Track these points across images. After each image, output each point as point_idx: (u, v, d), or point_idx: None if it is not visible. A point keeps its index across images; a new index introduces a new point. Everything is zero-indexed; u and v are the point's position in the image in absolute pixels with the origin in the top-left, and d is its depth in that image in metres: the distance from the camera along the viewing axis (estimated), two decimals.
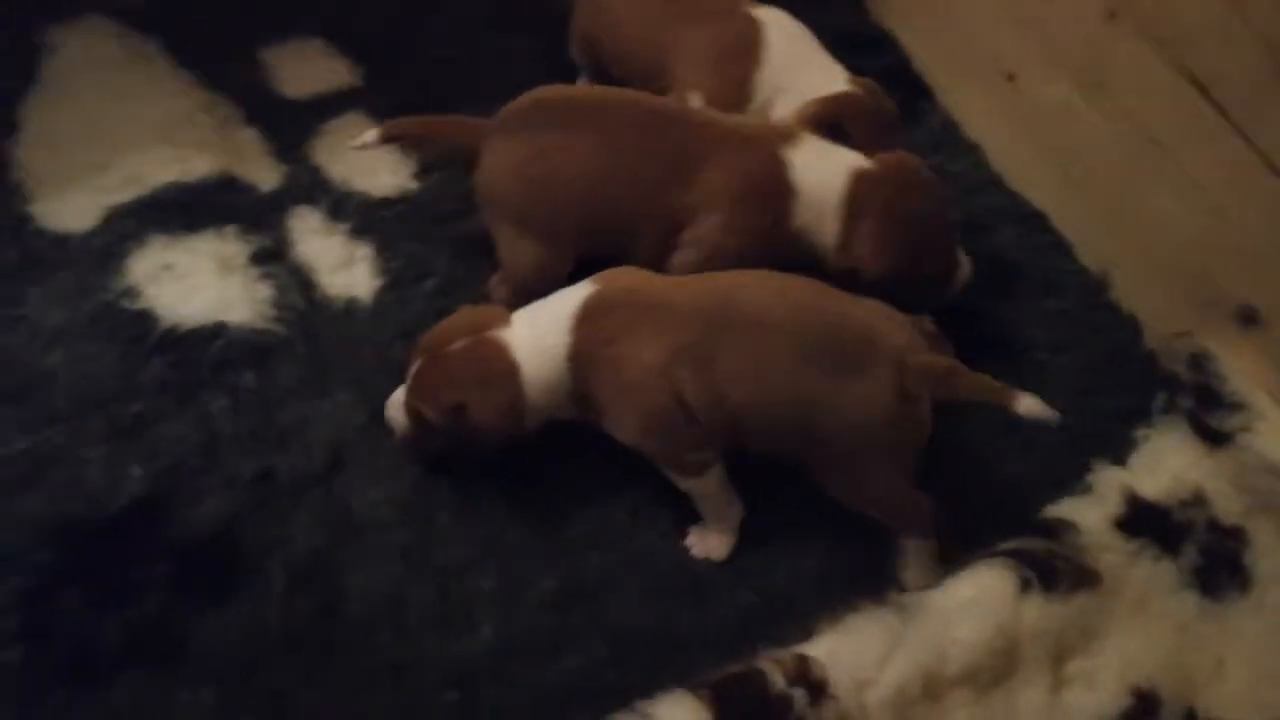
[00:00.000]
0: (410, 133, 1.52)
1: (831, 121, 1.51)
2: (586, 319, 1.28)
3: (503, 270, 1.49)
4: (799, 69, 1.58)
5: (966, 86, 1.77)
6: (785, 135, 1.44)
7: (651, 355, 1.26)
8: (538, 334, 1.29)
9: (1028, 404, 1.21)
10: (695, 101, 1.58)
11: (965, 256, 1.48)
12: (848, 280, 1.37)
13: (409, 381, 1.31)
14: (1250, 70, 1.27)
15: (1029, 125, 1.65)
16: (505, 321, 1.31)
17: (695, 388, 1.26)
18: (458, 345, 1.29)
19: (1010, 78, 1.66)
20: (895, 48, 1.90)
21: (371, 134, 1.47)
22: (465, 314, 1.34)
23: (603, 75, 1.76)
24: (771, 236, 1.41)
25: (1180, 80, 1.36)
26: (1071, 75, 1.54)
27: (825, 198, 1.41)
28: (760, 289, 1.29)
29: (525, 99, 1.48)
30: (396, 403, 1.34)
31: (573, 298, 1.30)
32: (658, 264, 1.41)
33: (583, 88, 1.52)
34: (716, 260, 1.39)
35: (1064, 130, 1.59)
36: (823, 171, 1.41)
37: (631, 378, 1.26)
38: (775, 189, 1.41)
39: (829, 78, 1.58)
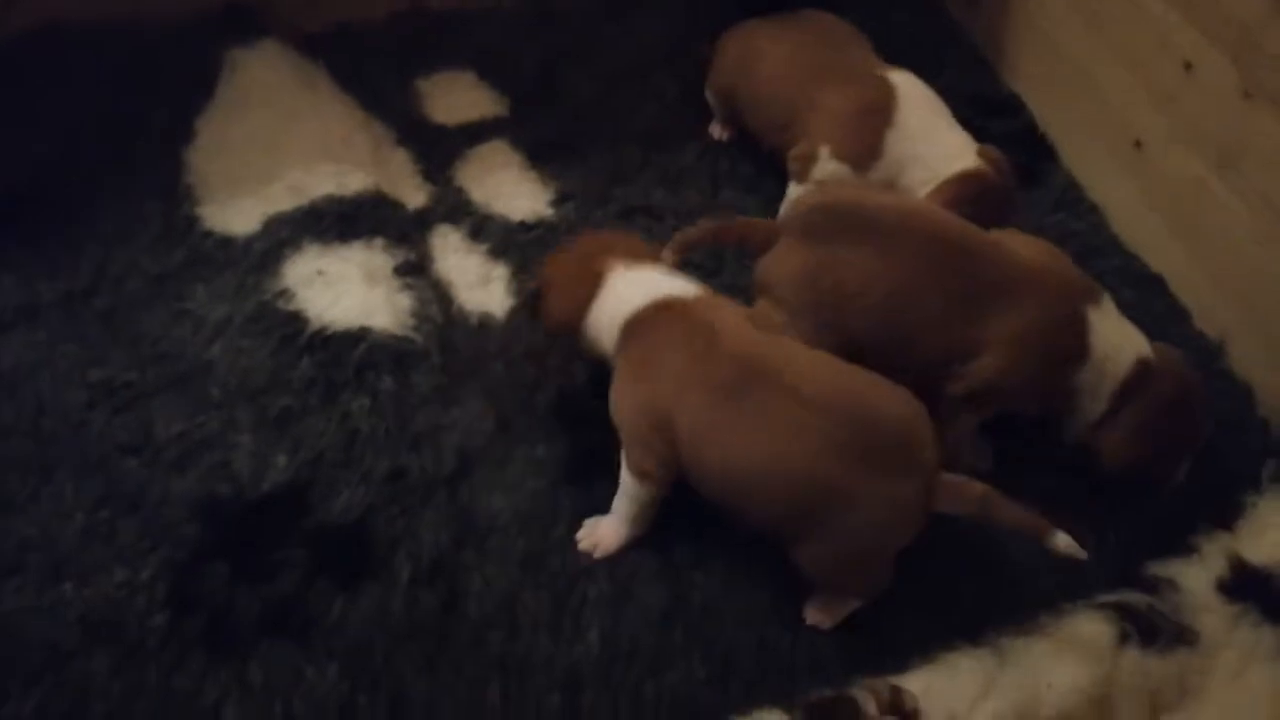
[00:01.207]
0: (701, 241, 1.50)
1: (967, 201, 1.54)
2: (658, 307, 1.35)
3: None
4: (930, 134, 1.64)
5: (1092, 151, 1.80)
6: (1091, 293, 1.42)
7: (670, 368, 1.31)
8: (624, 288, 1.38)
9: (1062, 540, 1.26)
10: (824, 155, 1.65)
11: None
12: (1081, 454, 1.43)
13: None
14: None
15: (1154, 192, 1.67)
16: (628, 260, 1.40)
17: (692, 422, 1.29)
18: (582, 253, 1.40)
19: (1137, 145, 1.68)
20: (1024, 111, 1.93)
21: (667, 254, 1.46)
22: (622, 239, 1.45)
23: (735, 119, 1.84)
24: (1048, 389, 1.42)
25: None
26: (1199, 147, 1.56)
27: (1110, 371, 1.40)
28: (812, 363, 1.30)
29: (817, 202, 1.48)
30: None
31: (666, 286, 1.38)
32: (928, 384, 1.41)
33: (877, 195, 1.49)
34: (988, 398, 1.43)
35: (1187, 199, 1.60)
36: (1117, 345, 1.41)
37: (642, 373, 1.34)
38: (1072, 348, 1.40)
39: (958, 145, 1.63)
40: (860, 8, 1.84)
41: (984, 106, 1.95)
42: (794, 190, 1.71)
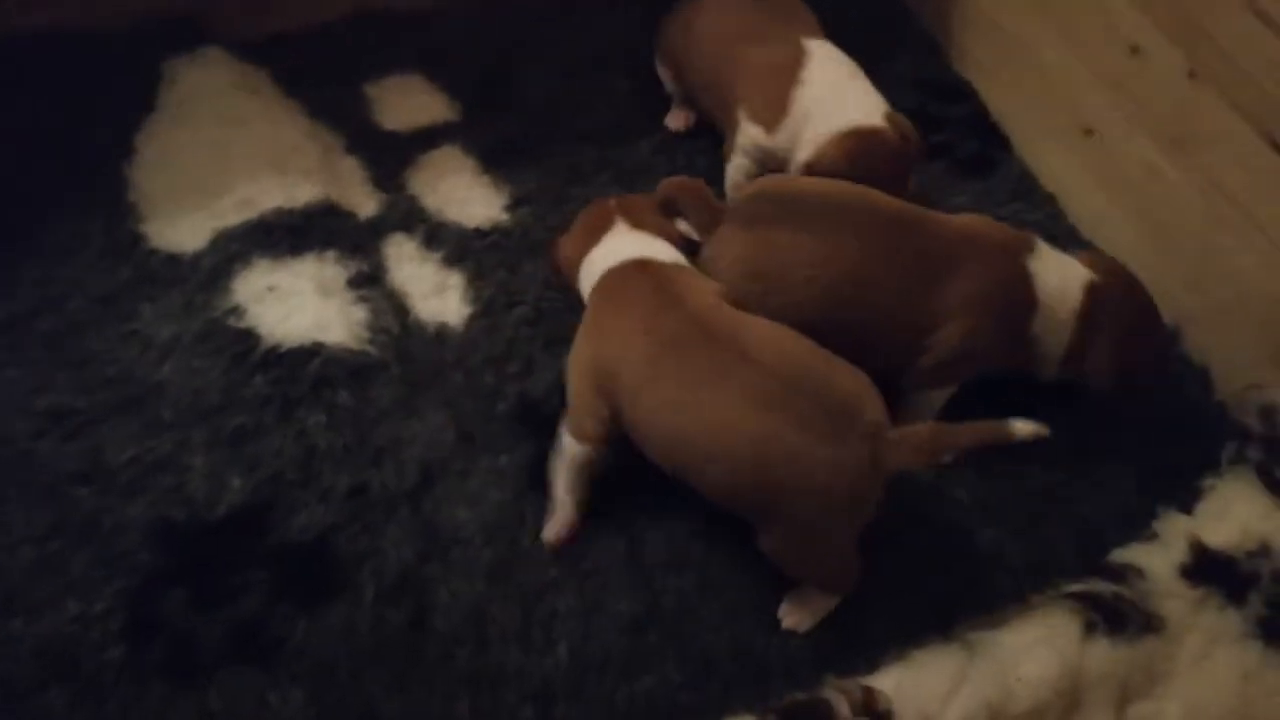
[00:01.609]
0: (669, 192, 1.51)
1: (859, 156, 1.56)
2: (633, 265, 1.38)
3: None
4: (836, 93, 1.63)
5: (1044, 139, 1.80)
6: (1027, 245, 1.45)
7: (623, 324, 1.33)
8: (613, 244, 1.42)
9: (1020, 427, 1.26)
10: (743, 118, 1.66)
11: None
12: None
13: None
14: None
15: (1106, 179, 1.68)
16: (635, 222, 1.45)
17: (635, 374, 1.30)
18: (608, 206, 1.47)
19: (1088, 132, 1.69)
20: (974, 98, 1.94)
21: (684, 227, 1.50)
22: (650, 208, 1.49)
23: (685, 93, 1.83)
24: (1009, 344, 1.45)
25: (1260, 141, 1.39)
26: (1150, 132, 1.57)
27: (1062, 310, 1.44)
28: (768, 331, 1.31)
29: (757, 189, 1.50)
30: None
31: (650, 250, 1.40)
32: (893, 364, 1.45)
33: (814, 181, 1.51)
34: (959, 364, 1.45)
35: (1140, 185, 1.61)
36: (1061, 284, 1.44)
37: (595, 331, 1.36)
38: (1021, 300, 1.43)
39: (865, 106, 1.62)
40: None
41: (935, 92, 1.96)
42: (730, 166, 1.71)
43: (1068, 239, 1.74)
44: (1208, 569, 1.40)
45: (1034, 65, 1.77)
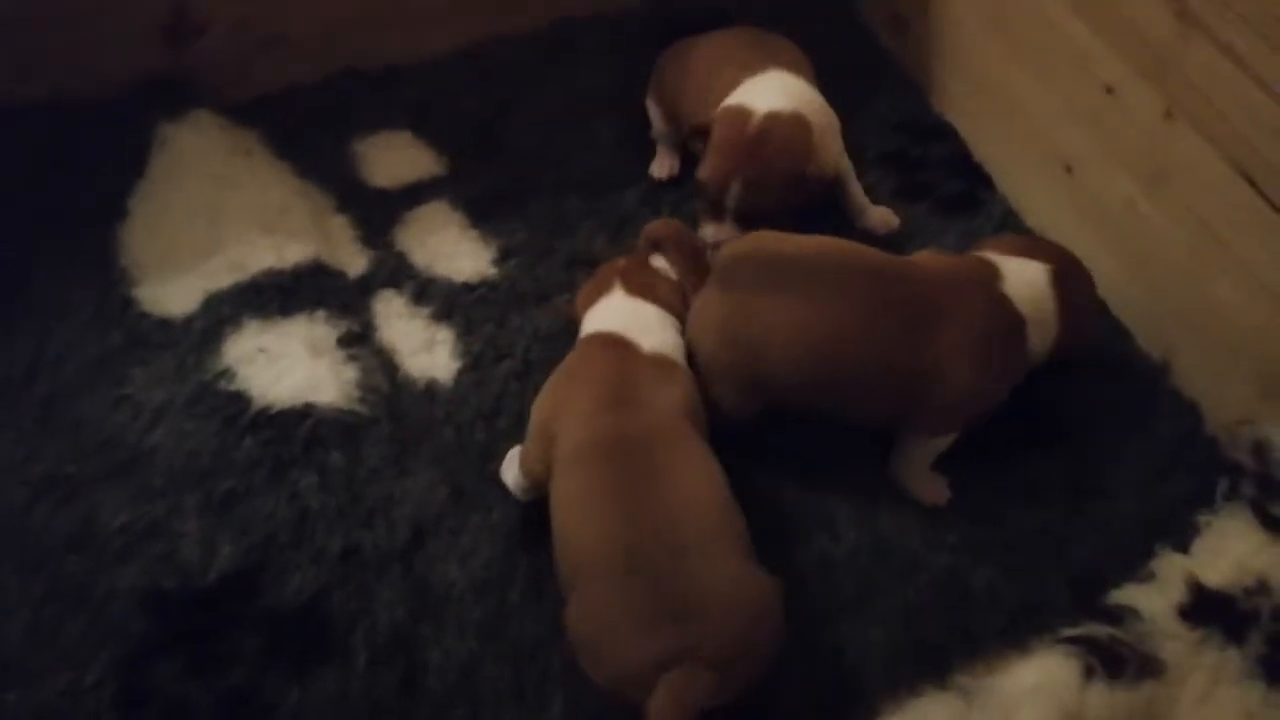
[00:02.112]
0: (660, 234, 1.56)
1: (720, 136, 1.62)
2: (611, 342, 1.43)
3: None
4: (750, 88, 1.67)
5: (1026, 176, 1.81)
6: (991, 270, 1.45)
7: (572, 402, 1.37)
8: (606, 308, 1.48)
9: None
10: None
11: None
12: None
13: None
14: None
15: (1088, 215, 1.68)
16: (630, 289, 1.50)
17: (559, 457, 1.33)
18: (620, 266, 1.54)
19: (1068, 169, 1.70)
20: (955, 137, 1.95)
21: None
22: (658, 274, 1.55)
23: (676, 134, 1.86)
24: (1017, 368, 1.46)
25: (1237, 179, 1.39)
26: (1129, 169, 1.58)
27: (1044, 314, 1.45)
28: (687, 480, 1.27)
29: (734, 251, 1.48)
30: None
31: (633, 323, 1.45)
32: (894, 417, 1.46)
33: (786, 240, 1.47)
34: (971, 405, 1.44)
35: (1122, 221, 1.62)
36: (1033, 292, 1.44)
37: (554, 391, 1.41)
38: (1013, 325, 1.43)
39: (768, 99, 1.65)
40: (787, 34, 1.85)
41: (917, 133, 1.97)
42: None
43: None
44: (1206, 609, 1.39)
45: (1012, 104, 1.78)
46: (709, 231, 1.64)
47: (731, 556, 1.23)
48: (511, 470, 1.44)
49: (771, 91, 1.66)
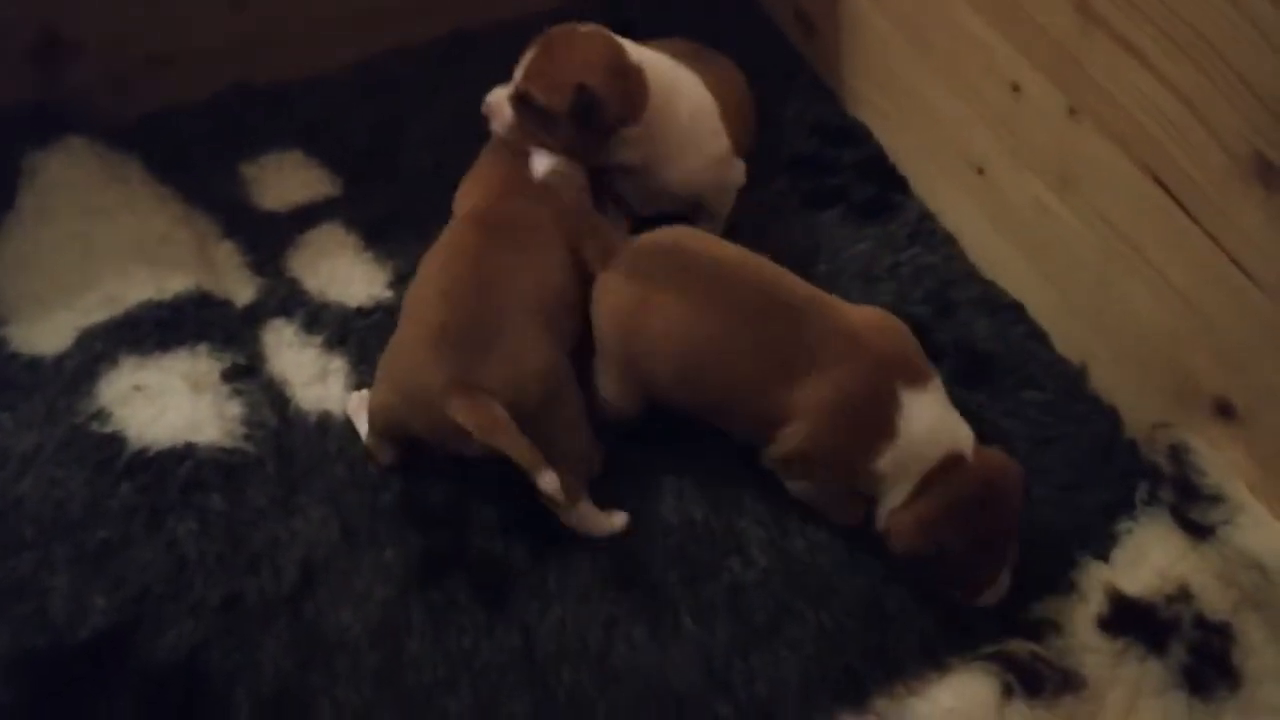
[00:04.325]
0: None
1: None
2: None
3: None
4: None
5: (940, 179, 1.77)
6: (910, 372, 1.33)
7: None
8: None
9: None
10: None
11: (1006, 580, 1.35)
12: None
13: None
14: (1211, 172, 1.27)
15: (1000, 218, 1.65)
16: None
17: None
18: None
19: (980, 171, 1.66)
20: (869, 141, 1.90)
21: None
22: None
23: None
24: (847, 466, 1.34)
25: (1145, 179, 1.36)
26: (1038, 171, 1.54)
27: (915, 459, 1.31)
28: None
29: (646, 241, 1.46)
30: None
31: None
32: (747, 439, 1.41)
33: (709, 241, 1.45)
34: (799, 466, 1.38)
35: (1034, 224, 1.58)
36: (930, 433, 1.31)
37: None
38: (878, 427, 1.31)
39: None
40: (697, 38, 1.79)
41: (830, 136, 1.92)
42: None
43: (967, 280, 1.70)
44: (1127, 619, 1.36)
45: (923, 105, 1.74)
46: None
47: (543, 332, 1.38)
48: (361, 416, 1.48)
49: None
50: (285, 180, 1.81)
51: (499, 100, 1.58)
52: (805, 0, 1.97)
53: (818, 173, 1.87)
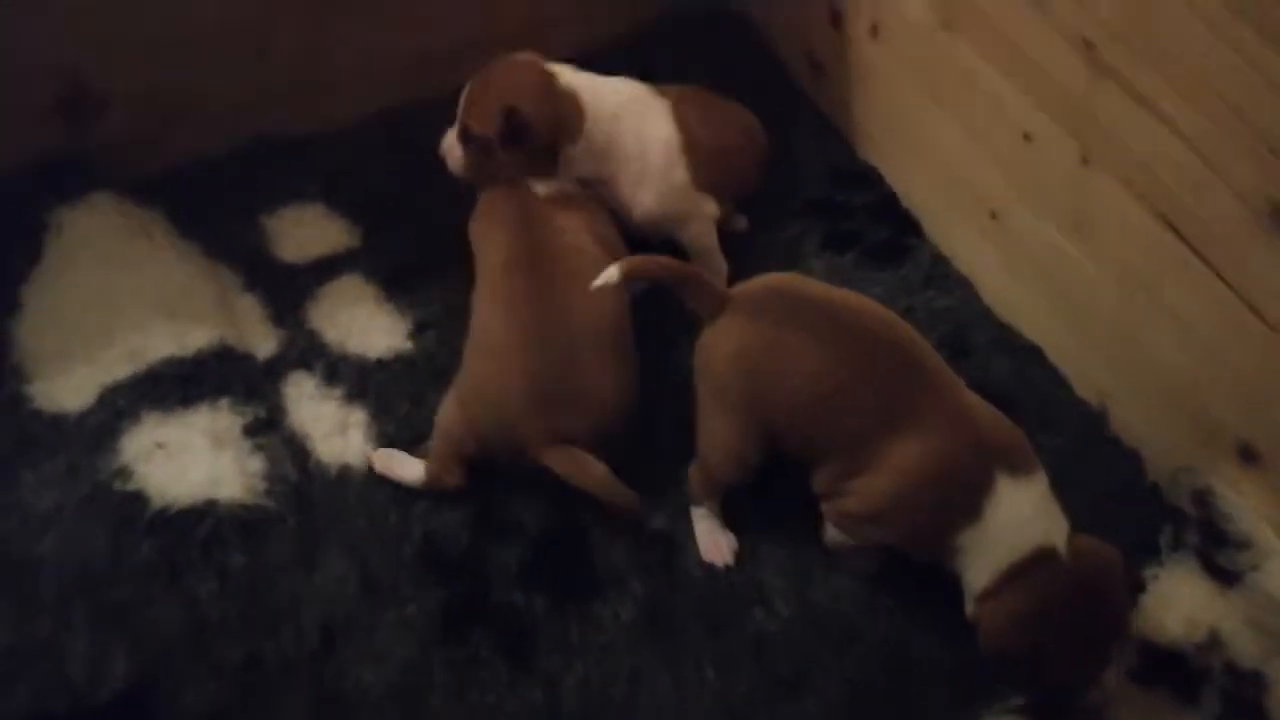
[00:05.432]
0: (651, 273, 1.45)
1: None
2: None
3: (698, 448, 1.45)
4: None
5: (953, 223, 1.77)
6: (1011, 458, 1.29)
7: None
8: None
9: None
10: None
11: (1113, 681, 1.30)
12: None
13: None
14: (1225, 219, 1.27)
15: (1015, 262, 1.65)
16: None
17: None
18: None
19: (993, 215, 1.66)
20: (881, 184, 1.91)
21: (613, 270, 1.40)
22: None
23: None
24: (930, 537, 1.32)
25: (1158, 226, 1.36)
26: (1052, 216, 1.55)
27: (1000, 546, 1.27)
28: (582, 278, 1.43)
29: (770, 283, 1.43)
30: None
31: None
32: (830, 491, 1.38)
33: (835, 289, 1.43)
34: (865, 524, 1.36)
35: (1049, 268, 1.58)
36: (1022, 523, 1.27)
37: None
38: (963, 502, 1.28)
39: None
40: (713, 84, 1.81)
41: (843, 181, 1.93)
42: None
43: (984, 323, 1.70)
44: (1158, 669, 1.35)
45: (935, 150, 1.75)
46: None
47: (613, 361, 1.48)
48: (400, 467, 1.52)
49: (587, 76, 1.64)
50: (305, 232, 1.82)
51: (449, 142, 1.65)
52: (817, 46, 1.98)
53: (832, 217, 1.87)
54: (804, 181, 1.92)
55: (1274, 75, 1.15)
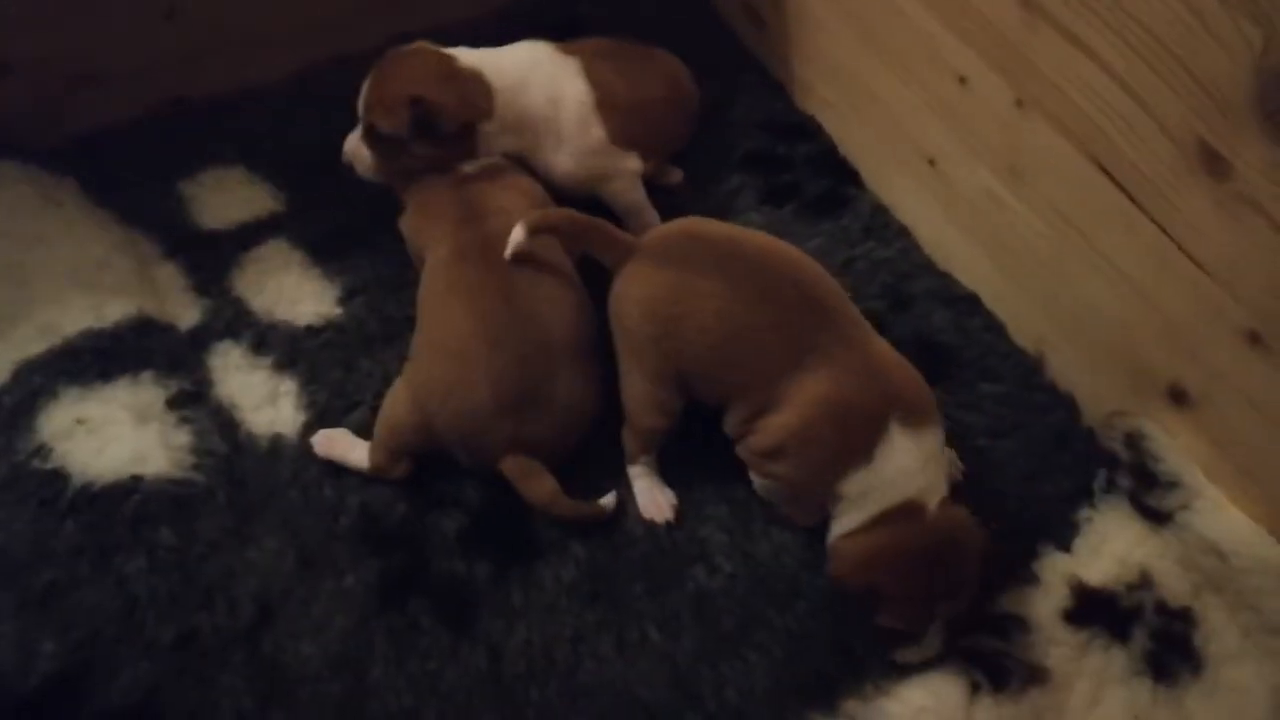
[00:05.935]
0: (559, 227, 1.45)
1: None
2: None
3: (623, 402, 1.45)
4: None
5: (892, 171, 1.76)
6: (909, 409, 1.30)
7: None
8: None
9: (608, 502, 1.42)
10: None
11: (935, 643, 1.32)
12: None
13: None
14: (1158, 162, 1.27)
15: (953, 210, 1.64)
16: None
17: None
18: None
19: (931, 162, 1.65)
20: (821, 134, 1.89)
21: (519, 230, 1.41)
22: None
23: None
24: (826, 476, 1.31)
25: (1093, 170, 1.36)
26: (987, 162, 1.54)
27: (876, 495, 1.29)
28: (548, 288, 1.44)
29: (676, 228, 1.43)
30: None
31: None
32: (741, 431, 1.38)
33: (746, 231, 1.43)
34: (776, 463, 1.35)
35: (986, 214, 1.58)
36: (902, 475, 1.29)
37: None
38: (860, 443, 1.29)
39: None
40: (647, 34, 1.77)
41: (782, 131, 1.91)
42: None
43: (922, 272, 1.70)
44: (1090, 610, 1.36)
45: (873, 98, 1.73)
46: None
47: (583, 361, 1.45)
48: (347, 451, 1.47)
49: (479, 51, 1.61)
50: (226, 197, 1.77)
51: (354, 145, 1.60)
52: None
53: (771, 169, 1.85)
54: (742, 133, 1.90)
55: (1208, 17, 1.14)
